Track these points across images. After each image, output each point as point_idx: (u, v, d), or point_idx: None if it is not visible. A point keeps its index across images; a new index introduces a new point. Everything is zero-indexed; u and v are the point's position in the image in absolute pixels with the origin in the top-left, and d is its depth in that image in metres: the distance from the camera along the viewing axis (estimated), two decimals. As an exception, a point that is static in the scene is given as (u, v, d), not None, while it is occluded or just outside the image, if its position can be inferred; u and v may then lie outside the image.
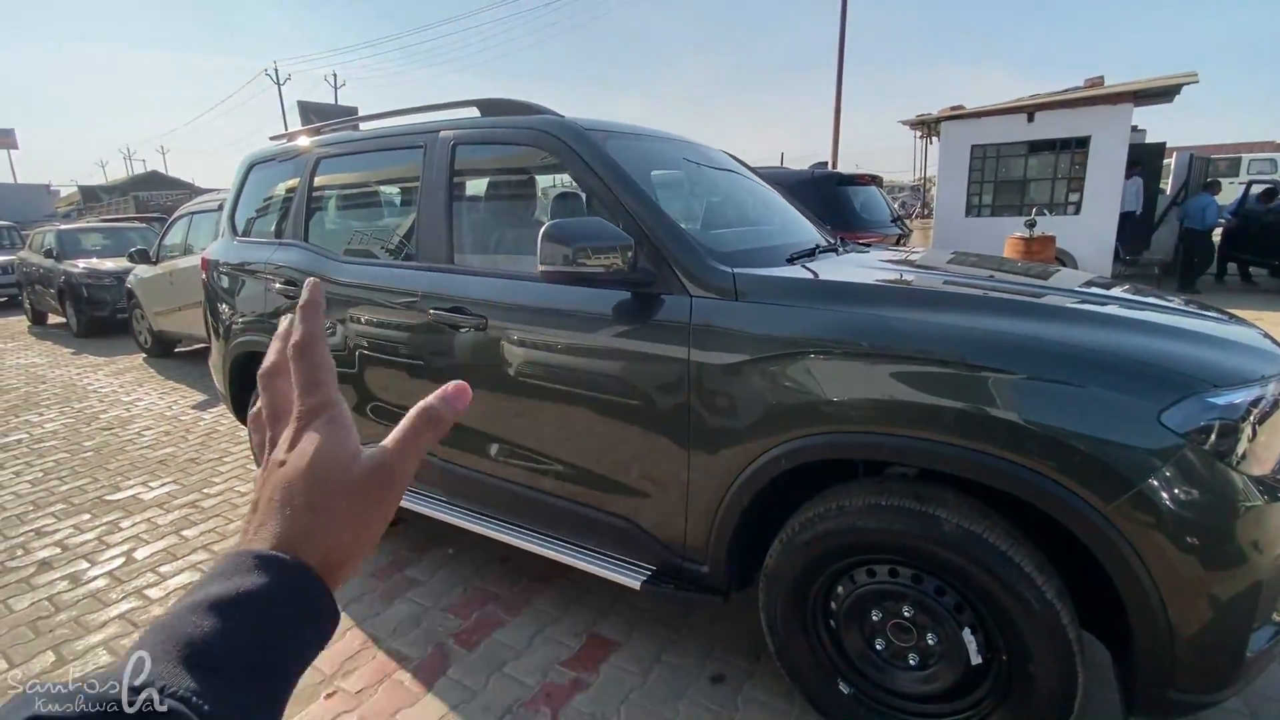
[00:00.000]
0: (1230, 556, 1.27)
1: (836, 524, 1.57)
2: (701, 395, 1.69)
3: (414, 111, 2.58)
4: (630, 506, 1.92)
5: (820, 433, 1.52)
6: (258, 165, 3.11)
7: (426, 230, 2.30)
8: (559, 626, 2.24)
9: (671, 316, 1.75)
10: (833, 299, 1.61)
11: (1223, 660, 1.31)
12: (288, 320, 0.40)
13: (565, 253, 1.69)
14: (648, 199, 1.88)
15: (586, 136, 2.00)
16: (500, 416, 2.12)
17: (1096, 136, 8.80)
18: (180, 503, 3.35)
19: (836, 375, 1.51)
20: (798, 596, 1.69)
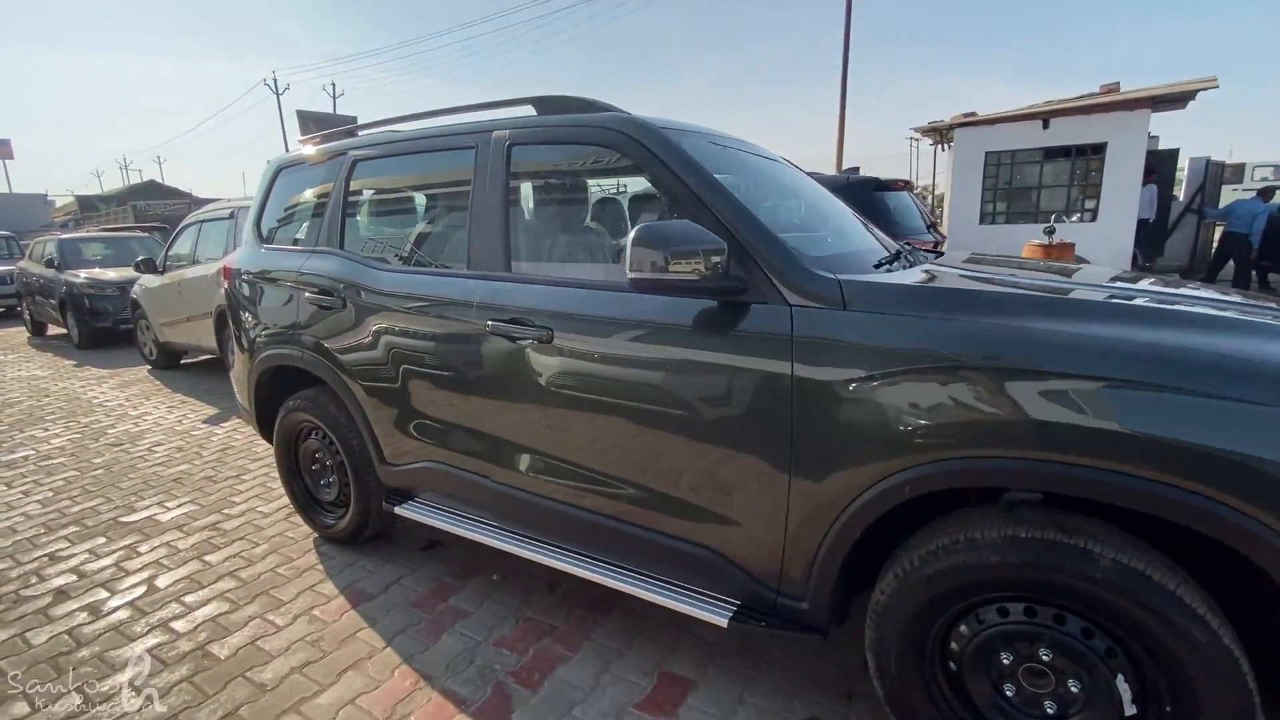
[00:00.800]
0: None
1: (967, 558, 1.41)
2: (807, 414, 1.53)
3: (458, 111, 2.43)
4: (715, 535, 1.76)
5: (957, 457, 1.37)
6: (286, 169, 2.96)
7: (479, 236, 2.14)
8: (626, 663, 2.07)
9: (767, 327, 1.60)
10: (962, 309, 1.45)
11: None
12: None
13: (658, 258, 1.54)
14: (735, 200, 1.73)
15: (662, 134, 1.85)
16: (565, 436, 1.96)
17: (1113, 143, 8.72)
18: (200, 525, 3.17)
19: (979, 394, 1.35)
20: (915, 637, 1.53)
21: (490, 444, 2.14)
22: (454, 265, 2.27)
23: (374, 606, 2.43)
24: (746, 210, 1.71)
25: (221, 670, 2.09)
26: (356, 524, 2.74)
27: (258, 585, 2.60)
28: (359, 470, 2.63)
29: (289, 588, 2.57)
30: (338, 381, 2.55)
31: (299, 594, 2.53)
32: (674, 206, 1.80)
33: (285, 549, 2.89)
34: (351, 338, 2.45)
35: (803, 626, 1.70)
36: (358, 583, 2.59)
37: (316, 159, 2.78)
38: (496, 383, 2.06)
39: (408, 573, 2.66)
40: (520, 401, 2.02)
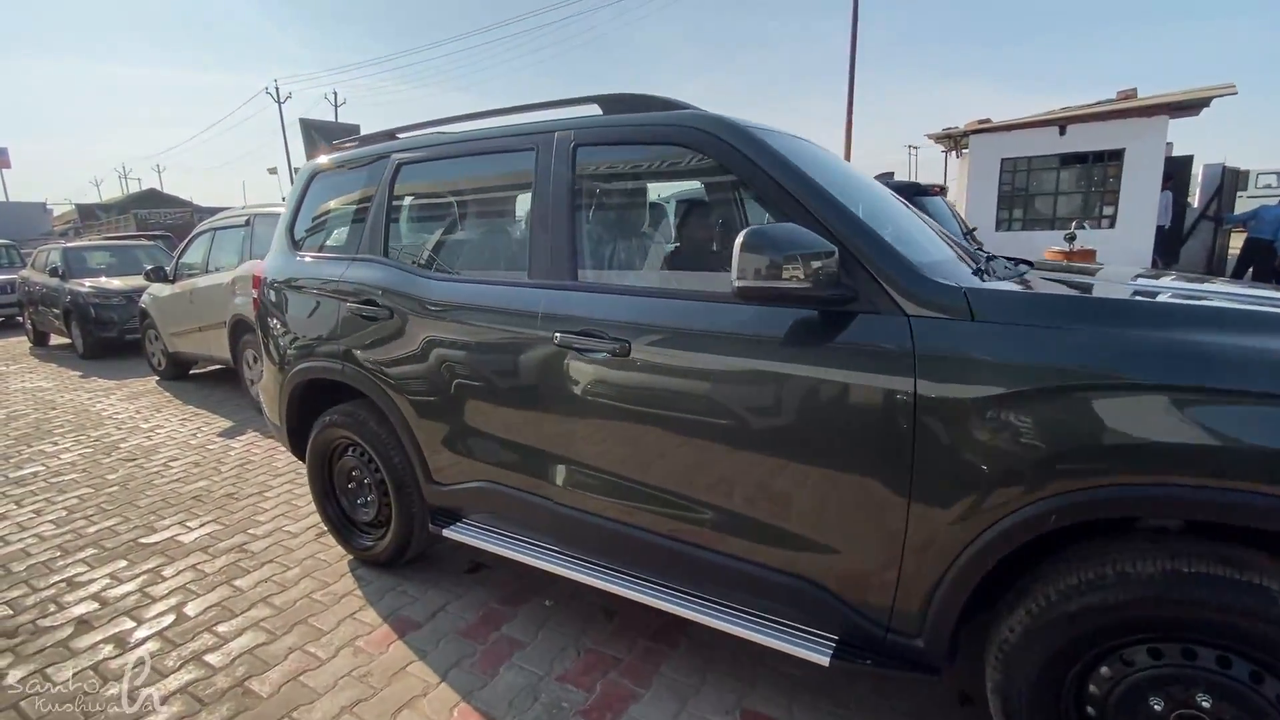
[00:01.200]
0: None
1: (1118, 595, 1.27)
2: (932, 436, 1.39)
3: (509, 112, 2.30)
4: (815, 565, 1.62)
5: (1117, 483, 1.23)
6: (322, 174, 2.83)
7: (542, 243, 2.01)
8: (703, 701, 1.92)
9: (883, 340, 1.46)
10: (1116, 319, 1.32)
11: None
12: None
13: (768, 264, 1.40)
14: (839, 202, 1.60)
15: (751, 132, 1.72)
16: (643, 456, 1.82)
17: (1131, 149, 8.67)
18: (226, 546, 3.01)
19: (1145, 414, 1.22)
20: (1050, 679, 1.39)
21: (555, 464, 2.00)
22: (512, 274, 2.14)
23: (422, 636, 2.27)
24: (852, 213, 1.58)
25: (265, 711, 1.94)
26: (397, 546, 2.59)
27: (294, 613, 2.44)
28: (401, 489, 2.48)
29: (328, 616, 2.42)
30: (381, 396, 2.40)
31: (339, 623, 2.37)
32: (769, 209, 1.67)
33: (319, 572, 2.74)
34: (398, 350, 2.31)
35: (914, 665, 1.56)
36: (401, 610, 2.44)
37: (356, 163, 2.65)
38: (564, 399, 1.92)
39: (453, 598, 2.50)
40: (591, 419, 1.88)
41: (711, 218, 2.20)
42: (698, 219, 2.23)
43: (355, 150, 2.69)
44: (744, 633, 1.71)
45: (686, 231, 2.23)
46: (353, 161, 2.68)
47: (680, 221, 2.28)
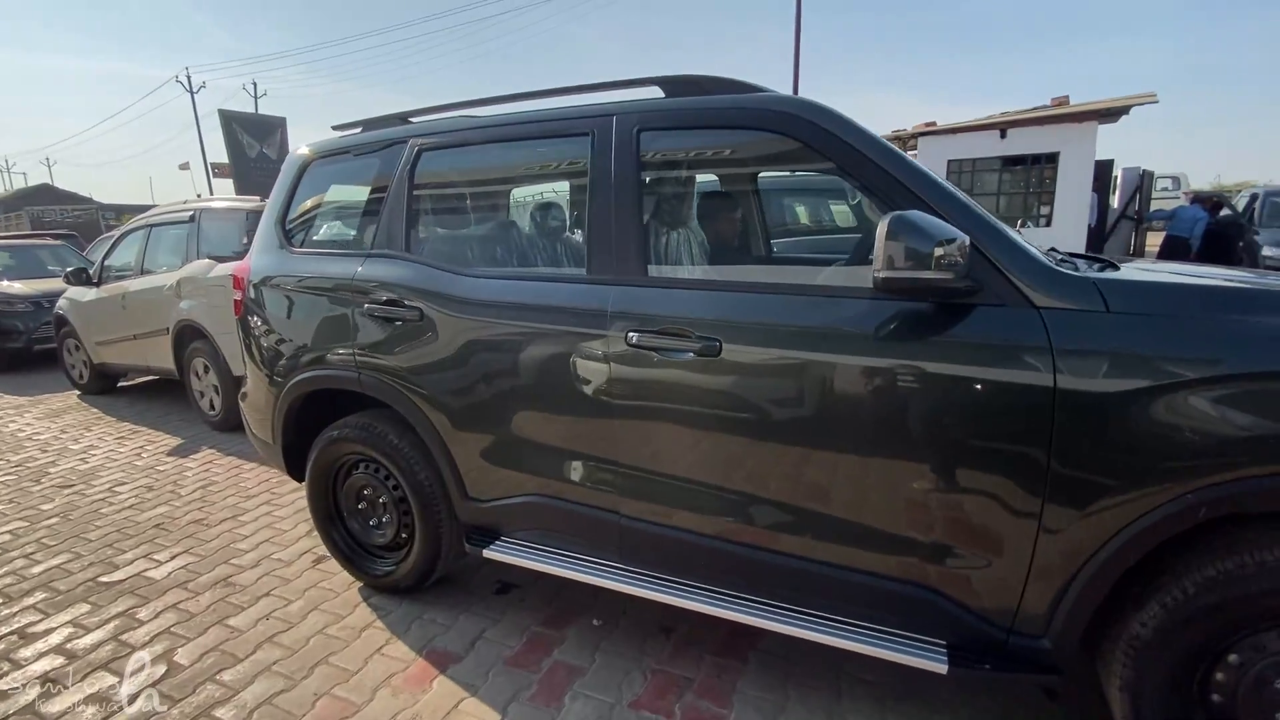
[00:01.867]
0: None
1: (1260, 584, 1.26)
2: (1071, 432, 1.35)
3: (544, 95, 2.13)
4: (929, 571, 1.55)
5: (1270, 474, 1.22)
6: (319, 161, 2.54)
7: (602, 236, 1.85)
8: (792, 717, 1.82)
9: (1012, 334, 1.41)
10: (1247, 307, 1.31)
11: None
12: None
13: (917, 254, 1.32)
14: (955, 193, 1.53)
15: (851, 119, 1.64)
16: (733, 462, 1.70)
17: (1065, 153, 9.23)
18: (208, 580, 2.67)
19: (1295, 402, 1.21)
20: (1185, 672, 1.37)
21: (626, 475, 1.84)
22: (566, 269, 1.97)
23: (465, 670, 2.07)
24: (970, 203, 1.52)
25: (307, 770, 1.70)
26: (422, 570, 2.36)
27: (309, 653, 2.18)
28: (428, 507, 2.26)
29: (350, 653, 2.17)
30: (407, 405, 2.18)
31: (366, 660, 2.13)
32: (875, 199, 1.59)
33: (327, 604, 2.47)
34: (430, 355, 2.10)
35: (1037, 667, 1.51)
36: (435, 640, 2.22)
37: (362, 149, 2.40)
38: (639, 403, 1.77)
39: (490, 624, 2.30)
40: (674, 424, 1.75)
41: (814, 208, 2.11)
42: (778, 207, 2.13)
43: (360, 136, 2.43)
44: (852, 645, 1.62)
45: (769, 220, 2.12)
46: (358, 148, 2.42)
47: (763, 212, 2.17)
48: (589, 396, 1.84)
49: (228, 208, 4.73)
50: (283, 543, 2.98)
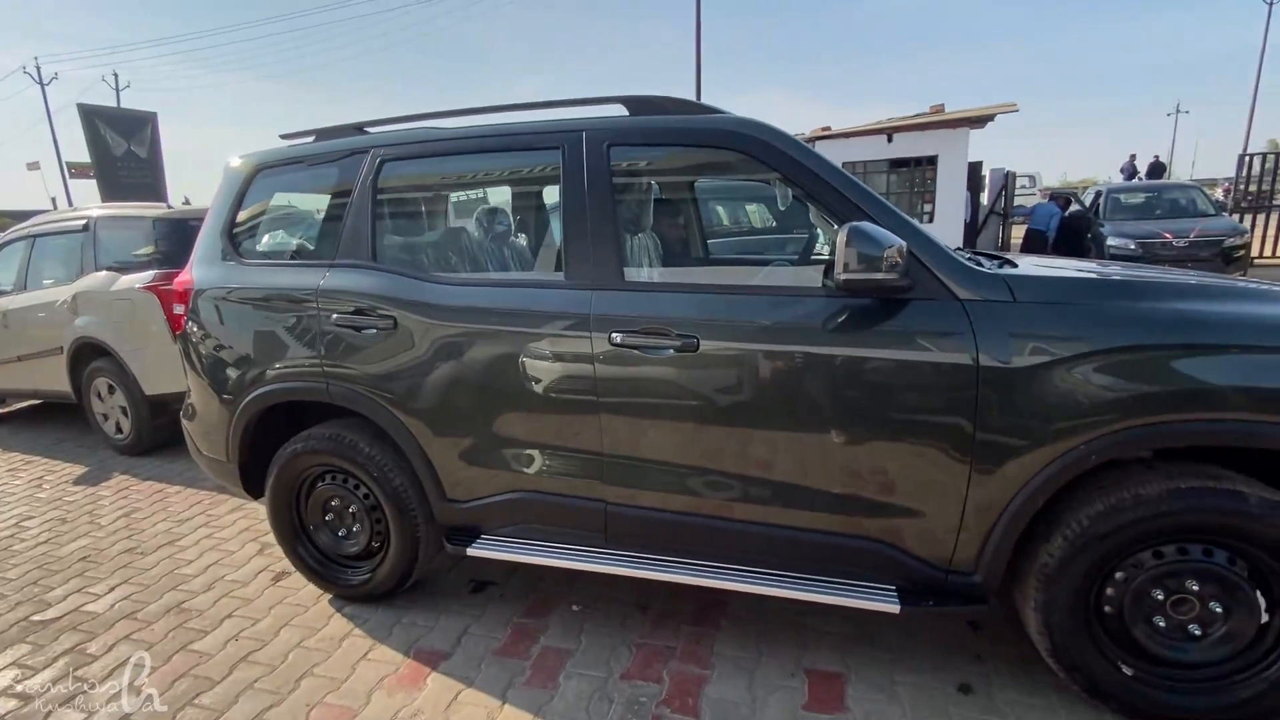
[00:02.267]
0: None
1: (1139, 513, 1.61)
2: (991, 401, 1.65)
3: (507, 109, 2.24)
4: (884, 527, 1.82)
5: (1139, 425, 1.56)
6: (267, 169, 2.49)
7: (579, 244, 1.99)
8: (768, 669, 2.05)
9: (938, 324, 1.69)
10: (1120, 295, 1.66)
11: None
12: None
13: (871, 258, 1.56)
14: (886, 203, 1.80)
15: (800, 142, 1.87)
16: (713, 444, 1.89)
17: (943, 156, 10.21)
18: (159, 608, 2.55)
19: (1150, 368, 1.55)
20: (1083, 590, 1.71)
21: (614, 463, 2.00)
22: (541, 275, 2.09)
23: (457, 664, 2.15)
24: (902, 214, 1.79)
25: (317, 774, 1.73)
26: (399, 574, 2.39)
27: (290, 667, 2.17)
28: (404, 512, 2.30)
29: (334, 662, 2.18)
30: (381, 413, 2.21)
31: (354, 666, 2.15)
32: (824, 210, 1.83)
33: (298, 619, 2.44)
34: (406, 362, 2.15)
35: (970, 599, 1.82)
36: (420, 641, 2.27)
37: (318, 159, 2.39)
38: (625, 398, 1.93)
39: (472, 620, 2.38)
40: (658, 414, 1.92)
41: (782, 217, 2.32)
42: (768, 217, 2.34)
43: (316, 145, 2.41)
44: (821, 597, 1.86)
45: (736, 227, 2.33)
46: (313, 157, 2.40)
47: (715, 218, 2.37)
48: (575, 393, 1.97)
49: (130, 215, 4.38)
50: (233, 564, 2.88)
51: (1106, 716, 1.79)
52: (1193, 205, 10.21)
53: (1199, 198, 10.45)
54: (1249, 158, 12.06)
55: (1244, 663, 1.69)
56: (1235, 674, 1.69)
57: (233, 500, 3.53)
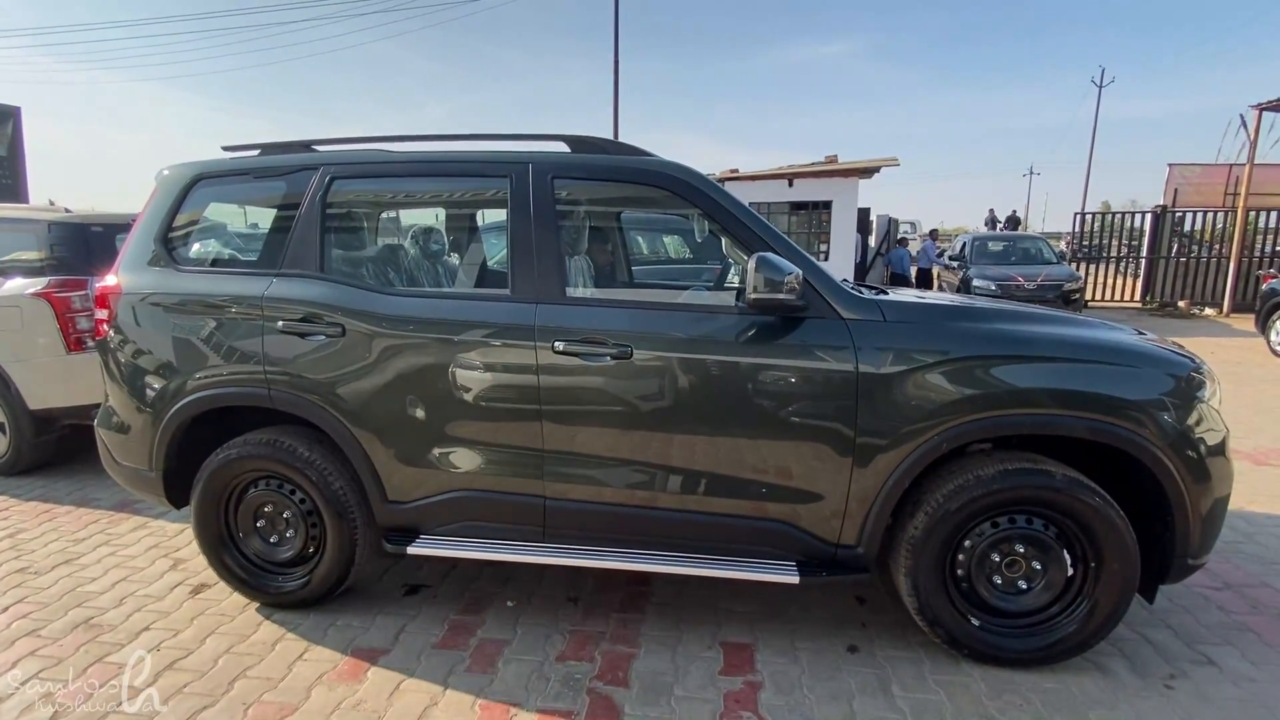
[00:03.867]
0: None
1: (982, 490, 2.03)
2: (869, 401, 2.02)
3: (456, 139, 2.46)
4: (785, 510, 2.14)
5: (979, 419, 1.99)
6: (207, 179, 2.53)
7: (525, 262, 2.22)
8: (688, 644, 2.30)
9: (827, 338, 2.06)
10: (960, 318, 2.10)
11: (1212, 533, 2.08)
12: None
13: (775, 282, 1.90)
14: (785, 238, 2.17)
15: (712, 181, 2.22)
16: (643, 441, 2.15)
17: (837, 201, 11.30)
18: (63, 625, 2.44)
19: (987, 374, 1.99)
20: (939, 557, 2.11)
21: (552, 461, 2.20)
22: (487, 290, 2.29)
23: (396, 658, 2.24)
24: (797, 247, 2.17)
25: (263, 762, 1.78)
26: (335, 578, 2.44)
27: (221, 671, 2.17)
28: (343, 515, 2.38)
29: (269, 665, 2.21)
30: (324, 417, 2.30)
31: (290, 666, 2.19)
32: (735, 241, 2.17)
33: (223, 628, 2.42)
34: (352, 368, 2.26)
35: (855, 569, 2.17)
36: (356, 640, 2.34)
37: (265, 172, 2.48)
38: (564, 401, 2.16)
39: (408, 619, 2.47)
40: (593, 415, 2.16)
41: (697, 244, 2.64)
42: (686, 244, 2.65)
43: (263, 159, 2.50)
44: (730, 573, 2.15)
45: (667, 252, 2.63)
46: (260, 170, 2.49)
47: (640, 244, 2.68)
48: (518, 397, 2.18)
49: (19, 217, 4.09)
50: (144, 579, 2.78)
51: (961, 662, 2.18)
52: (1040, 254, 11.87)
53: (1045, 248, 12.16)
54: (1084, 215, 14.17)
55: (1059, 609, 2.13)
56: (1053, 618, 2.14)
57: (135, 518, 3.37)
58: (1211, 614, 2.49)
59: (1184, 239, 13.25)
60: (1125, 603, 2.07)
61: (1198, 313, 12.16)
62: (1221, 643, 2.31)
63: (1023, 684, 2.08)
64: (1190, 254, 12.99)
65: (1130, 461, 2.04)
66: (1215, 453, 2.04)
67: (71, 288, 3.78)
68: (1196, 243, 13.20)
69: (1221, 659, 2.22)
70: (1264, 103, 10.51)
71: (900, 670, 2.16)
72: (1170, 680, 2.11)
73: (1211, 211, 13.08)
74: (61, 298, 3.75)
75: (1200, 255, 12.89)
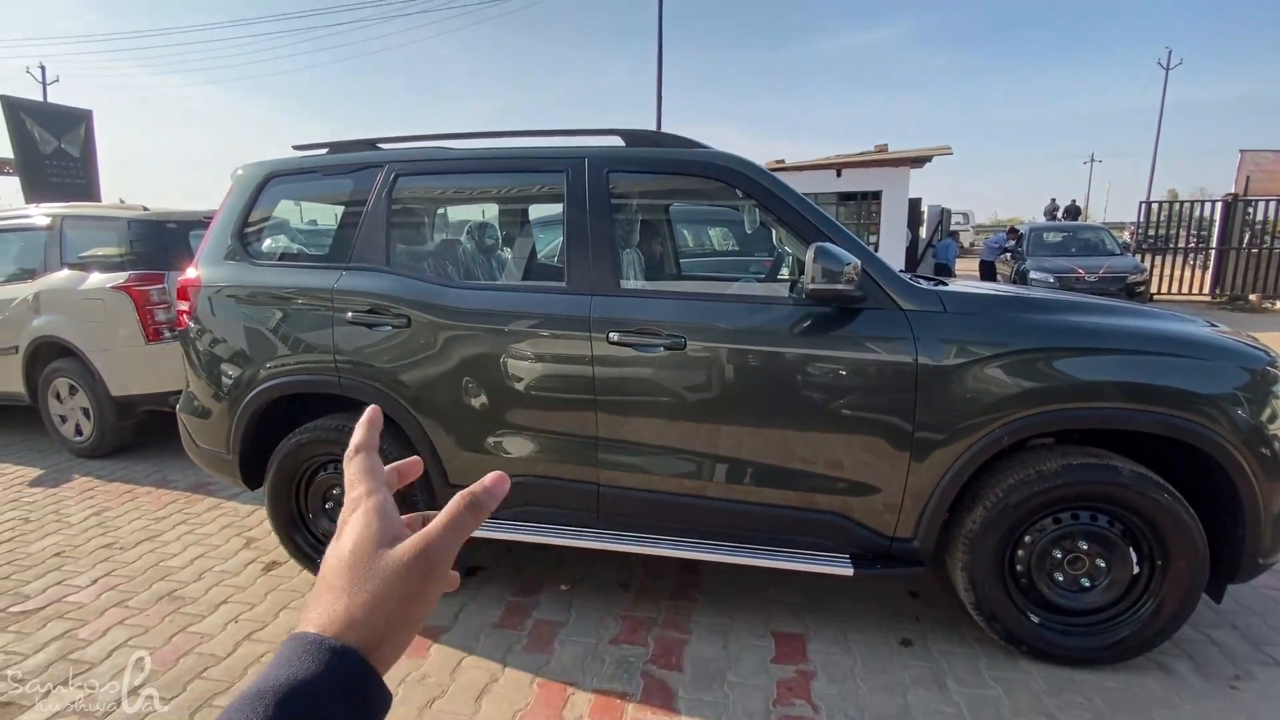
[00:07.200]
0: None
1: (1045, 485, 1.99)
2: (928, 393, 2.00)
3: (513, 135, 2.51)
4: (839, 501, 2.14)
5: (1041, 412, 1.95)
6: (279, 177, 2.66)
7: (582, 255, 2.26)
8: (740, 632, 2.32)
9: (885, 330, 2.05)
10: (1023, 309, 2.06)
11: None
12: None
13: (835, 272, 1.90)
14: (846, 230, 2.16)
15: (767, 171, 2.22)
16: (698, 431, 2.18)
17: (887, 192, 11.04)
18: (149, 596, 2.61)
19: (1049, 366, 1.94)
20: (998, 552, 2.08)
21: (606, 449, 2.25)
22: (543, 283, 2.35)
23: (456, 636, 2.33)
24: (856, 238, 2.15)
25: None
26: (398, 559, 2.55)
27: (295, 643, 2.29)
28: (406, 498, 2.47)
29: (338, 638, 2.32)
30: (390, 404, 2.40)
31: (357, 641, 2.30)
32: (792, 233, 2.17)
33: (295, 603, 2.56)
34: (417, 357, 2.35)
35: (910, 562, 2.15)
36: (419, 618, 2.43)
37: (333, 170, 2.59)
38: (619, 391, 2.20)
39: (467, 599, 2.56)
40: (648, 405, 2.19)
41: (748, 237, 2.65)
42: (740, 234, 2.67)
43: (331, 156, 2.61)
44: (784, 564, 2.16)
45: (729, 244, 2.66)
46: (328, 168, 2.60)
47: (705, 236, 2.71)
48: (574, 386, 2.23)
49: (102, 215, 4.37)
50: (221, 556, 2.95)
51: (1019, 659, 2.14)
52: (1102, 245, 11.37)
53: (1107, 238, 11.64)
54: (1150, 204, 13.50)
55: (1122, 608, 2.08)
56: (1116, 617, 2.08)
57: (210, 498, 3.57)
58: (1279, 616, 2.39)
59: (1256, 229, 12.49)
60: (1192, 602, 2.00)
61: (1270, 306, 11.47)
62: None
63: (1084, 682, 2.04)
64: (1263, 245, 12.24)
65: (1200, 457, 1.97)
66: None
67: (150, 281, 4.01)
68: (1270, 233, 12.43)
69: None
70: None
71: (956, 665, 2.14)
72: (1235, 681, 2.04)
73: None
74: (141, 291, 3.98)
75: (1274, 246, 12.14)
